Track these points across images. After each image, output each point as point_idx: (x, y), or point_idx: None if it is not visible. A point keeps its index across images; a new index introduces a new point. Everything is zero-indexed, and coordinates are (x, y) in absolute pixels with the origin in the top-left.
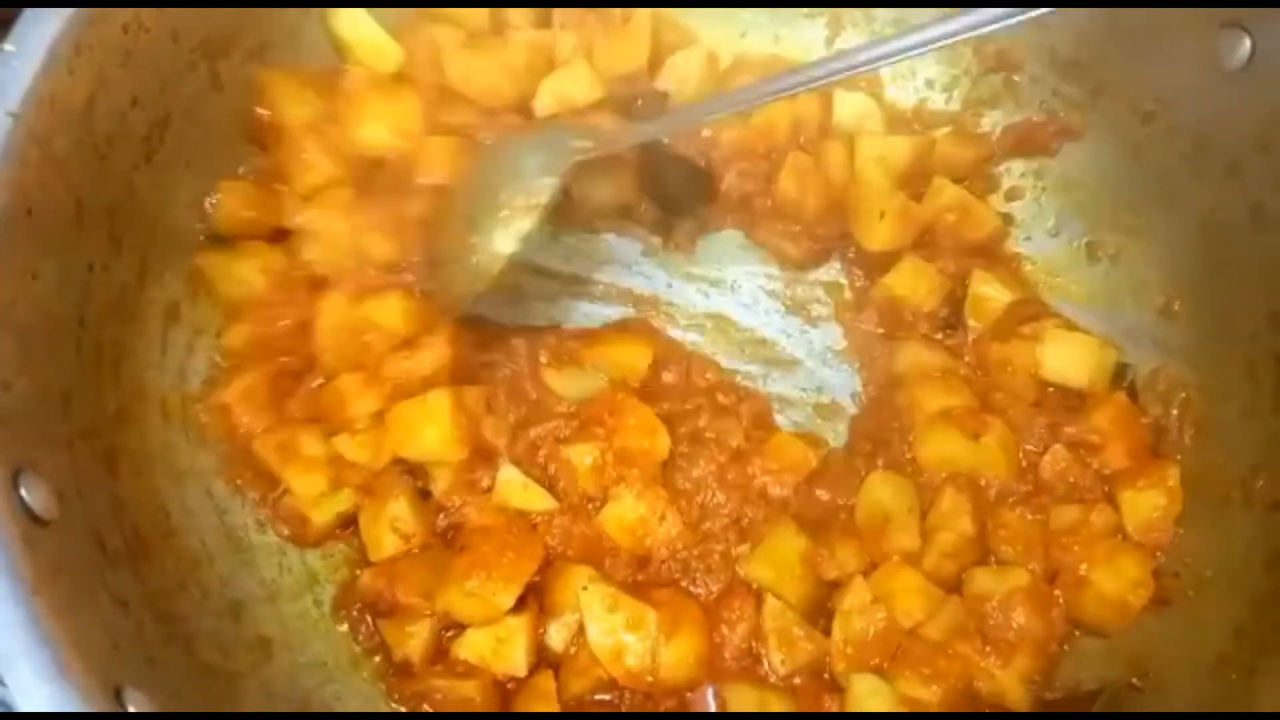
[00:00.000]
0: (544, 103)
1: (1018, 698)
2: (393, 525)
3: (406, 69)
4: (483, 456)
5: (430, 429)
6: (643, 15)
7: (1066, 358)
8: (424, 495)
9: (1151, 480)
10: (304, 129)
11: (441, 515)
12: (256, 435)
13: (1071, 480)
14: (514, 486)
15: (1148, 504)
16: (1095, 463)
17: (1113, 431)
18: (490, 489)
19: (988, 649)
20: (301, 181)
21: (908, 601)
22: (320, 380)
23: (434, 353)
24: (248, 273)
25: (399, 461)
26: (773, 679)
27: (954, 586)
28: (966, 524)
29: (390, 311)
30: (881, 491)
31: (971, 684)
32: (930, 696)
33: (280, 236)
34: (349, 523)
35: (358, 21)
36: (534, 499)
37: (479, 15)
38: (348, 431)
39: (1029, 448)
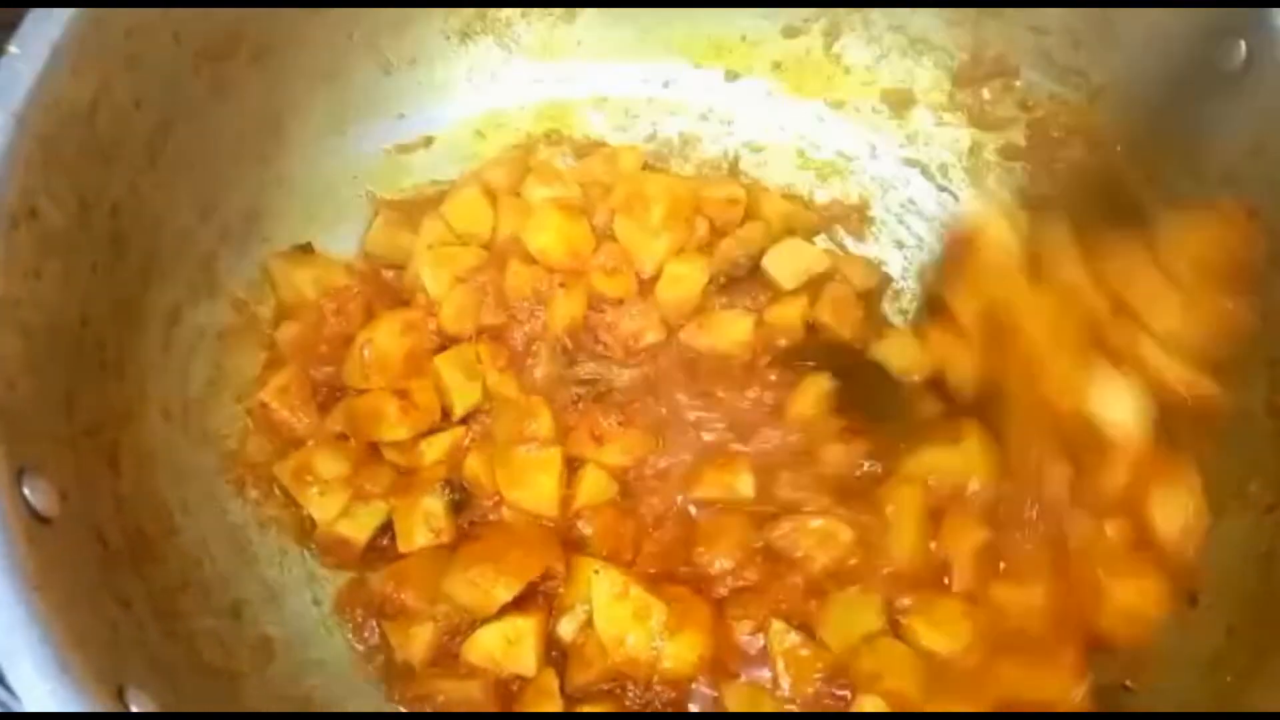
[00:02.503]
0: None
1: (1073, 693)
2: (426, 519)
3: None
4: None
5: (542, 480)
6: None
7: (1122, 400)
8: (456, 507)
9: (1172, 477)
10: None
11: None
12: (276, 459)
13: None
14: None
15: (1178, 504)
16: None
17: (1128, 481)
18: None
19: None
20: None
21: (954, 627)
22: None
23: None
24: (303, 281)
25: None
26: (780, 694)
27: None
28: (980, 533)
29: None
30: None
31: (1008, 698)
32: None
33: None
34: (386, 529)
35: None
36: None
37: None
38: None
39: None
